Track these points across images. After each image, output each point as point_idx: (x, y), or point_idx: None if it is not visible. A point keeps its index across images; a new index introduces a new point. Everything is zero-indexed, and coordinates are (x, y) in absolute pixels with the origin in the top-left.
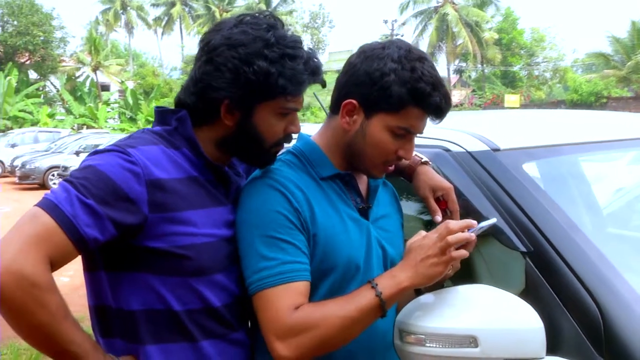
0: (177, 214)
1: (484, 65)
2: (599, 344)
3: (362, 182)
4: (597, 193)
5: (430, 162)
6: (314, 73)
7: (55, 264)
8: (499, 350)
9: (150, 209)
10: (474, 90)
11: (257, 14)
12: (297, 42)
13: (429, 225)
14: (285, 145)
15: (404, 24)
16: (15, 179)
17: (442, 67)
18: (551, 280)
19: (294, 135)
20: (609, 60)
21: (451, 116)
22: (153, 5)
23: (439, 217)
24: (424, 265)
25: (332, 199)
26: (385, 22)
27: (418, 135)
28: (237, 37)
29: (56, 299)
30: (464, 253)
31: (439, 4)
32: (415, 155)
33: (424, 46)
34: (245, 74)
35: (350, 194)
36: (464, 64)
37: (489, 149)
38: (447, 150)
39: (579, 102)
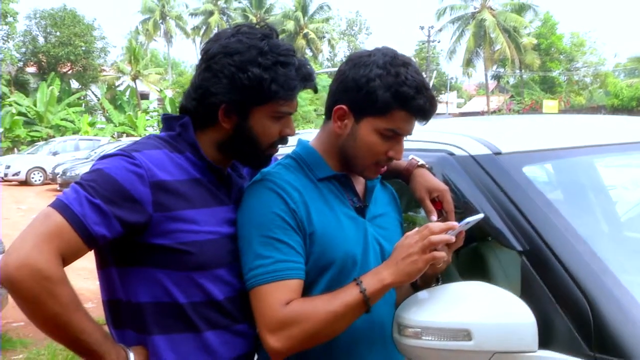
0: (180, 213)
1: (523, 71)
2: (588, 339)
3: (359, 183)
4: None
5: (427, 165)
6: (305, 79)
7: (67, 259)
8: (492, 344)
9: (155, 208)
10: (512, 96)
11: (253, 25)
12: (289, 50)
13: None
14: (285, 150)
15: (440, 30)
16: (57, 186)
17: (480, 73)
18: (545, 277)
19: (291, 139)
20: None
21: (457, 121)
22: (191, 14)
23: (434, 217)
24: (405, 262)
25: (328, 199)
26: (422, 28)
27: (422, 139)
28: (233, 46)
29: (68, 291)
30: (442, 254)
31: (476, 10)
32: (412, 158)
33: (461, 52)
34: (240, 80)
35: (347, 193)
36: (502, 70)
37: (491, 152)
38: (452, 154)
39: (620, 107)
